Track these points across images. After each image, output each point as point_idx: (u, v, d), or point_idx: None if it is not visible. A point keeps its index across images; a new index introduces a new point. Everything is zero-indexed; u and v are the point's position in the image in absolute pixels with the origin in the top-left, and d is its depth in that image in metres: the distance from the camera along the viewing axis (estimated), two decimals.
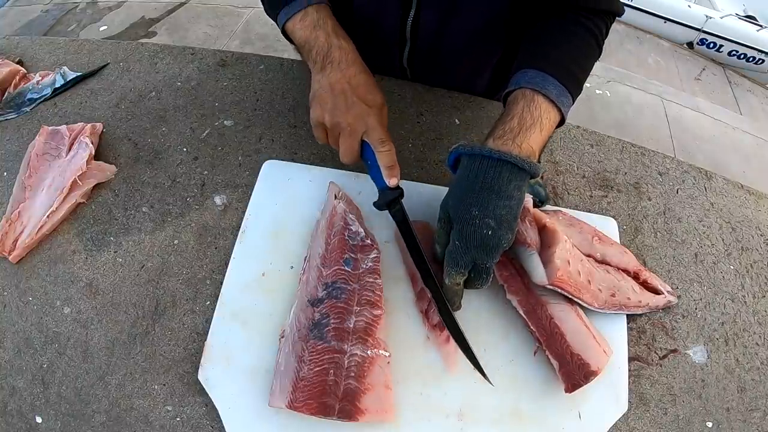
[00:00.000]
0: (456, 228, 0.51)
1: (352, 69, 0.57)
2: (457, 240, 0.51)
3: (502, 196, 0.50)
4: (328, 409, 0.49)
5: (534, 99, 0.54)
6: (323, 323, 0.54)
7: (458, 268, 0.51)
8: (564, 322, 0.55)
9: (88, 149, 0.68)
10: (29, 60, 0.86)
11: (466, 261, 0.50)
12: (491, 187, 0.50)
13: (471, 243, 0.50)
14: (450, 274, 0.52)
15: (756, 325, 0.63)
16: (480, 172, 0.50)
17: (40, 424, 0.53)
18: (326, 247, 0.59)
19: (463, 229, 0.50)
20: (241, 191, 0.68)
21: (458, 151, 0.53)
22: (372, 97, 0.57)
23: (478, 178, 0.50)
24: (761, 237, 0.71)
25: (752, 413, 0.57)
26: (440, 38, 0.72)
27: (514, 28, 0.70)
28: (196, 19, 3.20)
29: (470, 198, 0.50)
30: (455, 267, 0.51)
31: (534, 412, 0.54)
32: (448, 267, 0.52)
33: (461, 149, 0.52)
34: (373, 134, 0.56)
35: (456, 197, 0.52)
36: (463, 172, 0.52)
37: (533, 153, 0.52)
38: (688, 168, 0.77)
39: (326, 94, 0.56)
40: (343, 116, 0.55)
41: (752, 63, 4.37)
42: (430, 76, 0.80)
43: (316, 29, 0.57)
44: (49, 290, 0.61)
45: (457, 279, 0.52)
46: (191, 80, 0.81)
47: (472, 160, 0.51)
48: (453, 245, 0.51)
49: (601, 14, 0.61)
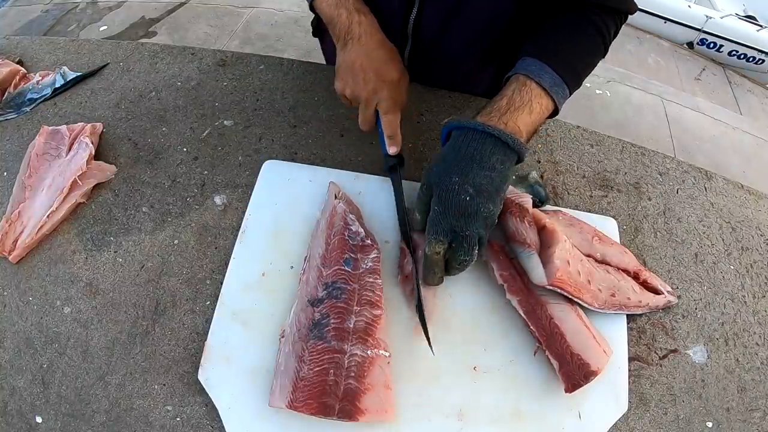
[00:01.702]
0: (436, 194, 0.53)
1: (371, 44, 0.61)
2: (437, 206, 0.52)
3: (484, 166, 0.52)
4: (328, 409, 0.49)
5: (526, 83, 0.57)
6: (323, 323, 0.54)
7: (437, 236, 0.52)
8: (564, 322, 0.55)
9: (88, 149, 0.68)
10: (29, 60, 0.86)
11: (445, 228, 0.52)
12: (473, 157, 0.52)
13: (449, 209, 0.51)
14: (430, 242, 0.53)
15: (756, 325, 0.63)
16: (464, 144, 0.53)
17: (40, 424, 0.53)
18: (326, 247, 0.59)
19: (443, 194, 0.52)
20: (241, 191, 0.68)
21: (449, 125, 0.55)
22: (388, 72, 0.61)
23: (462, 149, 0.53)
24: (761, 237, 0.71)
25: (752, 413, 0.57)
26: (442, 37, 0.73)
27: (517, 29, 0.71)
28: (196, 19, 3.20)
29: (452, 167, 0.53)
30: (435, 234, 0.52)
31: (534, 412, 0.54)
32: (429, 235, 0.53)
33: (452, 123, 0.55)
34: (382, 105, 0.61)
35: (439, 166, 0.54)
36: (450, 143, 0.55)
37: (519, 132, 0.54)
38: (688, 168, 0.77)
39: (347, 69, 0.62)
40: (360, 90, 0.61)
41: (752, 63, 4.37)
42: (431, 76, 0.80)
43: (338, 7, 0.62)
44: (49, 290, 0.61)
45: (436, 248, 0.52)
46: (191, 80, 0.81)
47: (459, 133, 0.54)
48: (433, 212, 0.53)
49: (612, 12, 0.62)
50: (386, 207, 0.65)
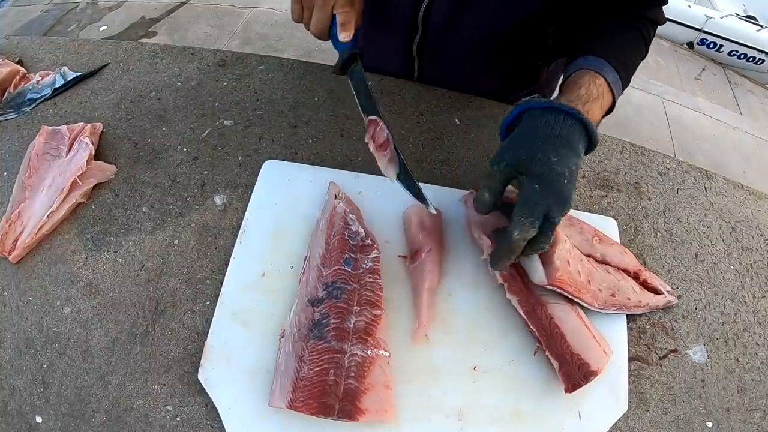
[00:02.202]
0: (535, 171, 0.48)
1: None
2: (536, 184, 0.47)
3: (573, 152, 0.49)
4: (328, 409, 0.49)
5: (597, 78, 0.56)
6: (323, 323, 0.54)
7: (532, 219, 0.47)
8: (564, 322, 0.55)
9: (88, 149, 0.68)
10: (29, 60, 0.86)
11: (540, 211, 0.47)
12: (565, 140, 0.49)
13: (549, 189, 0.47)
14: (521, 225, 0.47)
15: (756, 325, 0.63)
16: (556, 125, 0.49)
17: (40, 424, 0.53)
18: (326, 247, 0.59)
19: (544, 173, 0.47)
20: (241, 191, 0.68)
21: (529, 104, 0.52)
22: None
23: (554, 130, 0.49)
24: (761, 237, 0.71)
25: (752, 413, 0.57)
26: (451, 29, 0.73)
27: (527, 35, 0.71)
28: (196, 19, 3.20)
29: (546, 146, 0.48)
30: (529, 217, 0.47)
31: (534, 412, 0.54)
32: (521, 217, 0.47)
33: (535, 102, 0.51)
34: (338, 3, 0.59)
35: (526, 145, 0.49)
36: (533, 122, 0.50)
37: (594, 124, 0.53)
38: (688, 168, 0.77)
39: None
40: None
41: (752, 63, 4.36)
42: (439, 70, 0.80)
43: None
44: (49, 290, 0.61)
45: (527, 233, 0.47)
46: (191, 80, 0.81)
47: (547, 113, 0.50)
48: (530, 191, 0.47)
49: (649, 22, 0.64)
50: (386, 207, 0.65)
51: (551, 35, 0.76)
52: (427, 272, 0.58)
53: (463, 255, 0.62)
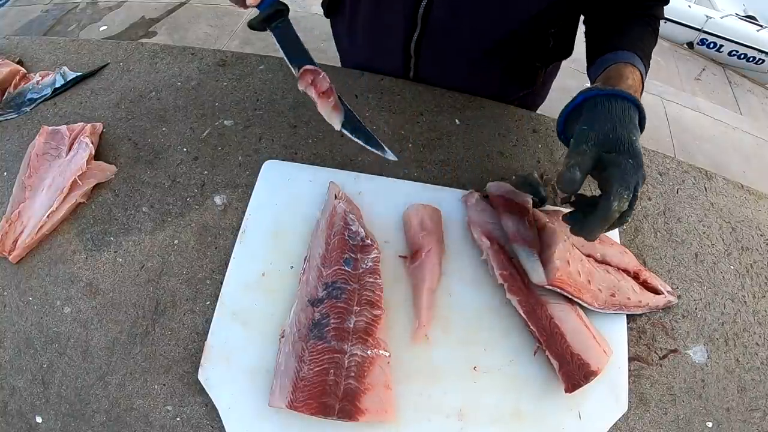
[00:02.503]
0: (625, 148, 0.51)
1: None
2: (631, 159, 0.50)
3: (639, 134, 0.53)
4: (328, 409, 0.49)
5: (635, 72, 0.59)
6: (323, 323, 0.54)
7: (629, 191, 0.49)
8: (564, 322, 0.55)
9: (88, 149, 0.68)
10: (29, 60, 0.86)
11: (632, 183, 0.49)
12: (633, 122, 0.52)
13: (638, 164, 0.50)
14: (620, 196, 0.49)
15: (756, 325, 0.63)
16: (626, 109, 0.53)
17: (40, 424, 0.53)
18: (326, 247, 0.59)
19: (633, 150, 0.50)
20: (241, 191, 0.68)
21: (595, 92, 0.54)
22: None
23: (626, 113, 0.53)
24: (761, 237, 0.71)
25: (752, 413, 0.57)
26: (451, 26, 0.73)
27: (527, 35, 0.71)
28: (196, 19, 3.20)
29: (624, 127, 0.52)
30: (626, 189, 0.49)
31: (534, 412, 0.54)
32: (620, 188, 0.49)
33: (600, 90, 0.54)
34: None
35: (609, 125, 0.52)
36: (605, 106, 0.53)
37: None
38: (688, 168, 0.77)
39: None
40: None
41: (752, 63, 4.36)
42: (435, 69, 0.80)
43: None
44: (49, 290, 0.61)
45: (623, 204, 0.49)
46: (191, 80, 0.81)
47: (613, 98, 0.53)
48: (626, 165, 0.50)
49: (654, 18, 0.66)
50: (386, 207, 0.65)
51: (552, 37, 0.76)
52: (427, 272, 0.58)
53: (463, 255, 0.63)
